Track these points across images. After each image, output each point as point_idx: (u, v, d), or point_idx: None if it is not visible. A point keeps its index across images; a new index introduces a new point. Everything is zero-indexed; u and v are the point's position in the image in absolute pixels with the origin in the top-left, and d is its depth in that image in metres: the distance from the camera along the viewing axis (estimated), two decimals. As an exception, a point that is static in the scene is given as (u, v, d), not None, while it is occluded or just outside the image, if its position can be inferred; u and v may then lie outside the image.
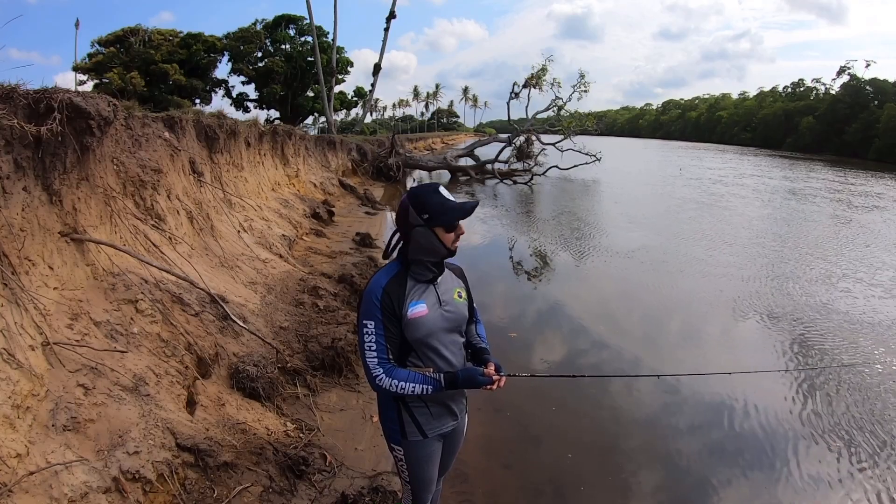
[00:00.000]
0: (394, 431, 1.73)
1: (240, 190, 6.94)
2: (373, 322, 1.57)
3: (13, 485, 1.71)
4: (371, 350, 1.57)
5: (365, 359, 1.59)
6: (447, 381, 1.60)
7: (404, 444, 1.72)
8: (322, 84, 28.09)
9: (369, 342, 1.57)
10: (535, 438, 3.37)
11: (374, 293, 1.58)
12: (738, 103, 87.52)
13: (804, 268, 7.94)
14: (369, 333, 1.57)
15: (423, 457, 1.75)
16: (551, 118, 21.78)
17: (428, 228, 1.58)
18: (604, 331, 5.29)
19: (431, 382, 1.59)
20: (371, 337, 1.57)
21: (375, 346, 1.57)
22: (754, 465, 3.16)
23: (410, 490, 1.83)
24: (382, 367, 1.58)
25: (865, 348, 4.92)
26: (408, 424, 1.70)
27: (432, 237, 1.59)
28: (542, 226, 11.45)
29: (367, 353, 1.58)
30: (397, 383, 1.57)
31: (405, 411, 1.69)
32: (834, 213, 14.13)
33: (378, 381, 1.58)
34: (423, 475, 1.79)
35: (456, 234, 1.64)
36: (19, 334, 2.10)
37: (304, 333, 4.08)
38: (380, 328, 1.57)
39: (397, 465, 1.80)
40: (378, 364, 1.57)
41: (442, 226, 1.59)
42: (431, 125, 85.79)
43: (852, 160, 45.19)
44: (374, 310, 1.57)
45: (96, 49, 33.04)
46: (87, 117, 2.76)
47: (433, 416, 1.71)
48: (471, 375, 1.62)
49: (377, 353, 1.57)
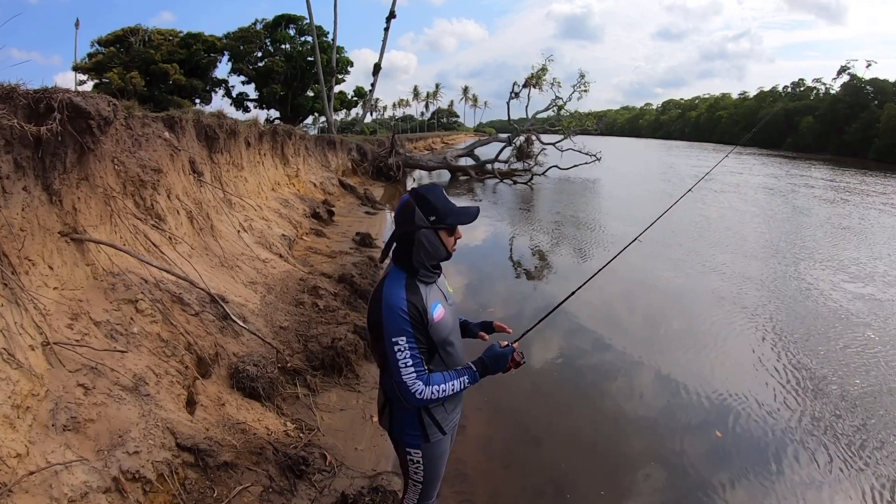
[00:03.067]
0: (414, 437, 1.68)
1: (240, 190, 6.94)
2: (404, 337, 1.50)
3: (13, 485, 1.71)
4: (407, 367, 1.50)
5: (401, 377, 1.51)
6: (479, 368, 1.59)
7: (424, 447, 1.69)
8: (322, 84, 28.08)
9: (404, 359, 1.50)
10: (535, 438, 3.37)
11: (399, 307, 1.51)
12: (739, 103, 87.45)
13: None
14: (402, 350, 1.50)
15: (441, 454, 1.75)
16: (551, 118, 21.74)
17: (433, 231, 1.57)
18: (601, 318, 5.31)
19: (466, 373, 1.58)
20: (405, 353, 1.50)
21: (412, 362, 1.51)
22: (755, 465, 3.16)
23: (420, 489, 1.78)
24: (421, 380, 1.52)
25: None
26: (429, 427, 1.67)
27: (437, 239, 1.58)
28: (542, 225, 11.46)
29: (402, 370, 1.50)
30: (438, 388, 1.53)
31: (426, 414, 1.66)
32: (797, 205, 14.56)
33: (420, 395, 1.51)
34: (438, 472, 1.78)
35: (455, 238, 1.64)
36: (19, 334, 2.10)
37: (304, 333, 4.08)
38: (412, 342, 1.51)
39: (410, 467, 1.74)
40: (417, 378, 1.51)
41: (446, 228, 1.59)
42: (431, 125, 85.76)
43: (851, 160, 45.27)
44: (403, 325, 1.50)
45: (96, 49, 33.02)
46: (87, 117, 2.76)
47: (447, 410, 1.71)
48: (494, 354, 1.60)
49: (414, 367, 1.51)
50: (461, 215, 1.59)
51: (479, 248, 9.19)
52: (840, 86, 61.13)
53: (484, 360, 1.60)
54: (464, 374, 1.58)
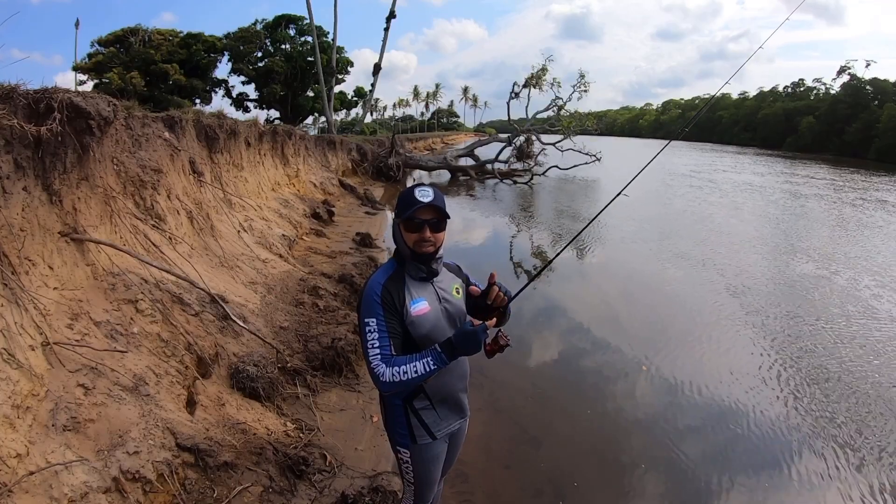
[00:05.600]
0: (402, 436, 1.70)
1: (240, 190, 6.95)
2: (374, 319, 1.54)
3: (13, 485, 1.71)
4: (374, 347, 1.52)
5: (368, 357, 1.53)
6: (443, 347, 1.51)
7: (412, 448, 1.71)
8: (322, 84, 28.07)
9: (372, 340, 1.53)
10: (535, 439, 3.37)
11: (373, 290, 1.56)
12: (739, 103, 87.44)
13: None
14: (371, 331, 1.53)
15: (430, 458, 1.75)
16: (551, 118, 21.72)
17: (397, 225, 1.60)
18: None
19: (430, 353, 1.51)
20: (374, 335, 1.53)
21: (378, 343, 1.52)
22: (755, 466, 3.16)
23: (413, 491, 1.81)
24: (385, 363, 1.52)
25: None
26: (416, 428, 1.68)
27: (399, 233, 1.61)
28: (542, 225, 11.46)
29: (369, 350, 1.53)
30: (399, 370, 1.50)
31: (413, 415, 1.67)
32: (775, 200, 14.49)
33: (381, 377, 1.50)
34: (429, 476, 1.78)
35: (420, 237, 1.56)
36: (19, 334, 2.10)
37: (304, 333, 4.08)
38: (382, 325, 1.54)
39: (401, 466, 1.78)
40: (381, 360, 1.52)
41: (403, 223, 1.57)
42: (431, 125, 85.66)
43: (851, 160, 45.39)
44: (375, 307, 1.54)
45: (96, 49, 33.06)
46: (87, 117, 2.76)
47: (440, 417, 1.71)
48: (461, 332, 1.51)
49: (380, 349, 1.52)
50: (410, 206, 1.54)
51: (480, 246, 9.20)
52: (840, 86, 61.20)
53: (451, 339, 1.52)
54: (427, 354, 1.51)
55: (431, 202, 1.54)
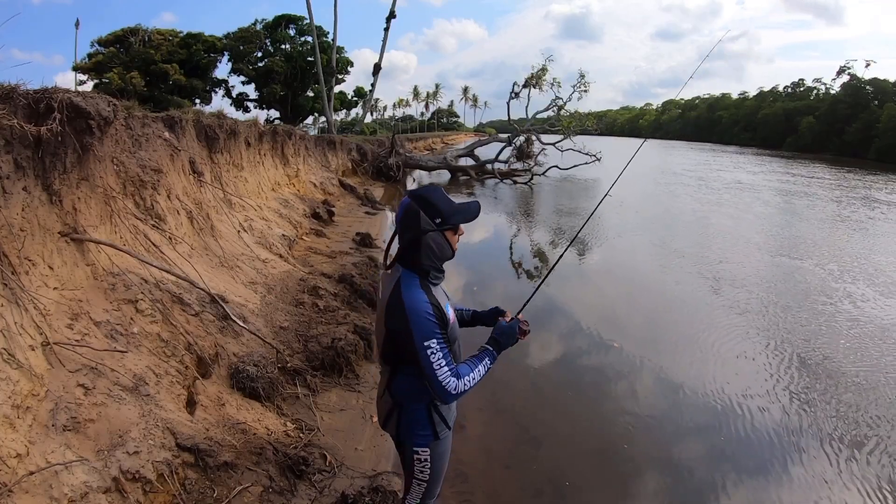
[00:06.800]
0: (424, 437, 1.68)
1: (240, 190, 6.94)
2: (434, 339, 1.52)
3: (13, 485, 1.71)
4: (442, 367, 1.52)
5: (437, 377, 1.52)
6: (494, 347, 1.65)
7: (433, 445, 1.69)
8: (322, 84, 28.07)
9: (437, 360, 1.52)
10: (535, 439, 3.37)
11: (425, 311, 1.52)
12: (739, 103, 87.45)
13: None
14: (435, 352, 1.52)
15: (446, 450, 1.76)
16: (551, 118, 21.70)
17: (440, 233, 1.57)
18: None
19: (486, 355, 1.63)
20: (437, 354, 1.52)
21: (444, 361, 1.53)
22: (755, 466, 3.16)
23: (425, 488, 1.76)
24: (454, 376, 1.54)
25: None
26: (438, 424, 1.68)
27: (444, 241, 1.59)
28: (542, 224, 11.47)
29: (437, 371, 1.52)
30: (469, 378, 1.56)
31: (434, 412, 1.67)
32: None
33: (455, 390, 1.53)
34: (443, 468, 1.78)
35: (458, 236, 1.65)
36: (19, 334, 2.10)
37: (304, 333, 4.08)
38: (441, 342, 1.53)
39: (416, 466, 1.72)
40: (451, 375, 1.53)
41: (451, 228, 1.60)
42: (431, 125, 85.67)
43: (851, 160, 45.41)
44: (432, 327, 1.52)
45: (96, 49, 33.08)
46: (87, 117, 2.76)
47: (450, 406, 1.72)
48: (502, 329, 1.67)
49: (447, 366, 1.53)
50: (465, 213, 1.61)
51: (478, 246, 9.20)
52: (840, 86, 61.20)
53: (496, 337, 1.66)
54: (484, 356, 1.62)
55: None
